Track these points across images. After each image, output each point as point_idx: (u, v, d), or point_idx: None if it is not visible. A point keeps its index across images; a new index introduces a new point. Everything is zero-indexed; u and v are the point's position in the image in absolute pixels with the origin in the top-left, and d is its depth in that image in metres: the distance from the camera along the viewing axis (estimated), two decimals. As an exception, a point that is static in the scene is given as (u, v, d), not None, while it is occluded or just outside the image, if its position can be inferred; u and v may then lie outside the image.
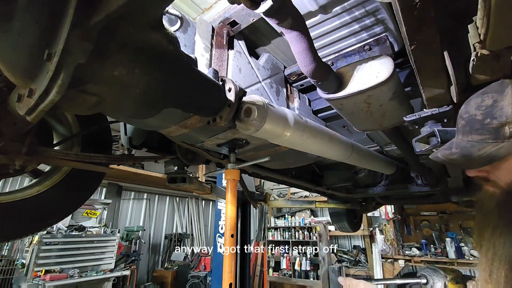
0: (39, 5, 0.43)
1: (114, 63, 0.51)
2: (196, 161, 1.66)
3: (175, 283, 6.35)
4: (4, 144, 0.91)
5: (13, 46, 0.44)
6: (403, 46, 1.19)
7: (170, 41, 0.61)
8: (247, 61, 1.30)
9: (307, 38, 0.86)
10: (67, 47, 0.42)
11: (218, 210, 5.70)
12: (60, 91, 0.43)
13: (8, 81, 0.50)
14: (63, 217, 1.31)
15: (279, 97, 1.47)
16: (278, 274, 7.31)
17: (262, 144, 1.27)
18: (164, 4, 0.56)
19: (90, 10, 0.44)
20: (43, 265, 4.05)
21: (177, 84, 0.67)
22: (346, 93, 1.09)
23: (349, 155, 1.42)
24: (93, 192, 1.42)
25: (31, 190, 1.14)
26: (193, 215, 8.31)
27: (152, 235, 7.40)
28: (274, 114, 0.91)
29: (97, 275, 4.56)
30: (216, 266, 5.18)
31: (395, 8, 0.69)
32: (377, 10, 1.09)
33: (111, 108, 0.60)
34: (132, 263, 5.49)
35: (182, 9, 1.21)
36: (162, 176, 5.61)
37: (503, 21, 0.49)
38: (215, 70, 0.86)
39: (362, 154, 1.56)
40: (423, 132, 1.02)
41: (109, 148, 1.42)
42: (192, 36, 1.11)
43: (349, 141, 1.44)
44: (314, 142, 1.16)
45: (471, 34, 0.61)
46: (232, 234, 0.80)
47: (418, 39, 0.73)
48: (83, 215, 5.23)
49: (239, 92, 0.86)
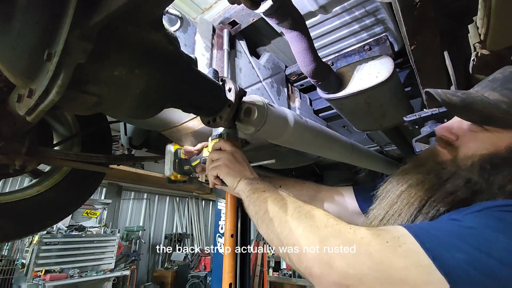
0: (39, 6, 0.43)
1: (114, 63, 0.51)
2: (196, 161, 1.66)
3: (175, 283, 6.36)
4: (4, 144, 0.91)
5: (13, 46, 0.44)
6: (403, 46, 1.19)
7: (170, 41, 0.61)
8: (248, 60, 1.30)
9: (307, 38, 0.86)
10: (67, 47, 0.42)
11: (218, 210, 5.69)
12: (60, 91, 0.43)
13: (8, 81, 0.49)
14: (63, 217, 1.31)
15: (280, 96, 1.46)
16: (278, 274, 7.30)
17: (262, 144, 1.27)
18: (164, 4, 0.56)
19: (90, 10, 0.44)
20: (43, 265, 4.06)
21: (177, 84, 0.67)
22: (346, 93, 1.09)
23: (349, 155, 1.42)
24: (93, 192, 1.42)
25: (31, 190, 1.14)
26: (193, 215, 8.31)
27: (152, 235, 7.41)
28: (274, 114, 0.91)
29: (97, 275, 4.57)
30: (216, 266, 5.18)
31: (395, 8, 0.69)
32: (377, 10, 1.09)
33: (111, 108, 0.60)
34: (132, 263, 5.49)
35: (182, 9, 1.21)
36: (162, 176, 5.60)
37: (503, 21, 0.49)
38: (215, 70, 0.86)
39: (362, 154, 1.56)
40: (423, 132, 1.03)
41: (109, 148, 1.42)
42: (192, 36, 1.11)
43: (349, 141, 1.44)
44: (314, 142, 1.16)
45: (471, 34, 0.61)
46: (232, 234, 0.80)
47: (418, 39, 0.74)
48: (83, 215, 5.23)
49: (239, 92, 0.86)
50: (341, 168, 2.65)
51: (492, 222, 0.44)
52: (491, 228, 0.43)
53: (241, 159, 0.85)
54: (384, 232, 0.46)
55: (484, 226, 0.44)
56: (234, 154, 0.85)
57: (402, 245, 0.43)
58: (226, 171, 0.84)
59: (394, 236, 0.44)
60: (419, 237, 0.43)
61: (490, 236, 0.42)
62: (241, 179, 0.80)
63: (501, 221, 0.44)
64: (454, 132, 0.65)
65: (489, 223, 0.44)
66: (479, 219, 0.46)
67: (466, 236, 0.43)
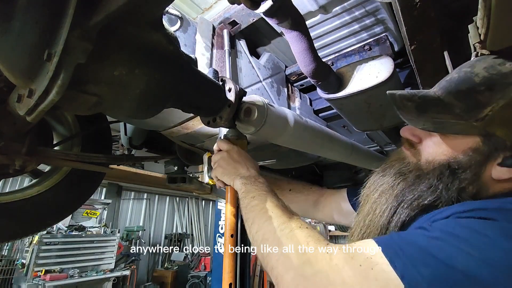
0: (39, 5, 0.43)
1: (114, 63, 0.51)
2: (196, 161, 1.66)
3: (175, 283, 6.35)
4: (4, 144, 0.91)
5: (13, 46, 0.44)
6: (403, 46, 1.19)
7: (170, 41, 0.61)
8: (248, 60, 1.30)
9: (307, 38, 0.86)
10: (67, 47, 0.42)
11: (218, 210, 5.71)
12: (60, 91, 0.43)
13: (8, 81, 0.49)
14: (63, 217, 1.31)
15: (280, 96, 1.46)
16: (278, 274, 7.29)
17: (262, 144, 1.27)
18: (164, 4, 0.56)
19: (90, 10, 0.44)
20: (43, 265, 4.06)
21: (177, 84, 0.67)
22: (346, 93, 1.09)
23: (349, 155, 1.42)
24: (93, 192, 1.42)
25: (31, 190, 1.14)
26: (193, 215, 8.31)
27: (152, 235, 7.40)
28: (274, 114, 0.91)
29: (97, 275, 4.56)
30: (216, 266, 5.19)
31: (395, 8, 0.69)
32: (377, 10, 1.09)
33: (111, 108, 0.60)
34: (132, 263, 5.49)
35: (182, 9, 1.21)
36: (162, 176, 5.60)
37: (503, 21, 0.49)
38: (215, 70, 0.86)
39: (362, 154, 1.56)
40: (423, 132, 1.02)
41: (109, 148, 1.42)
42: (192, 36, 1.11)
43: (349, 141, 1.44)
44: (314, 142, 1.16)
45: (471, 34, 0.61)
46: (232, 234, 0.80)
47: (418, 39, 0.74)
48: (83, 215, 5.23)
49: (239, 92, 0.86)
50: (341, 168, 2.65)
51: (458, 230, 0.45)
52: (455, 237, 0.44)
53: (237, 157, 0.84)
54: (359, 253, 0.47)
55: (449, 235, 0.45)
56: (230, 153, 0.85)
57: (374, 267, 0.44)
58: (221, 171, 0.84)
59: (367, 257, 0.46)
60: (388, 254, 0.44)
61: (454, 246, 0.43)
62: (236, 178, 0.80)
63: (465, 229, 0.45)
64: (417, 134, 0.65)
65: (455, 232, 0.45)
66: (446, 228, 0.47)
67: (431, 248, 0.43)
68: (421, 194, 0.59)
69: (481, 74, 0.52)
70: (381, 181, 0.67)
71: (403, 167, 0.65)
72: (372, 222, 0.64)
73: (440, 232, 0.46)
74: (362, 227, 0.67)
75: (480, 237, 0.43)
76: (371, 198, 0.68)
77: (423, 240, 0.46)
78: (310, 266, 0.48)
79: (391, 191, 0.63)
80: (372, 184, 0.70)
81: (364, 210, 0.68)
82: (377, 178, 0.70)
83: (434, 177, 0.58)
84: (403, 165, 0.65)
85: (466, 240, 0.43)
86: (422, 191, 0.59)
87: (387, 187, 0.65)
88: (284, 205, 0.69)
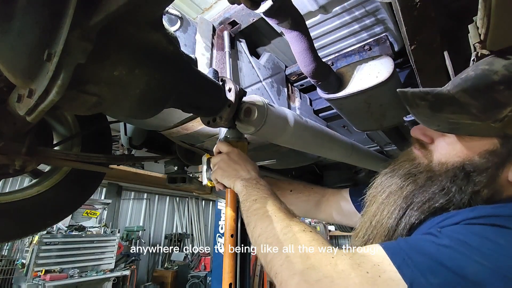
0: (39, 6, 0.43)
1: (114, 63, 0.51)
2: (196, 161, 1.66)
3: (175, 283, 6.36)
4: (4, 144, 0.91)
5: (13, 46, 0.44)
6: (403, 46, 1.19)
7: (170, 41, 0.61)
8: (248, 60, 1.30)
9: (307, 38, 0.86)
10: (67, 47, 0.42)
11: (218, 210, 5.70)
12: (60, 91, 0.43)
13: (8, 81, 0.49)
14: (63, 217, 1.31)
15: (280, 96, 1.46)
16: (278, 274, 7.29)
17: (262, 144, 1.27)
18: (164, 4, 0.56)
19: (90, 10, 0.44)
20: (43, 265, 4.06)
21: (177, 84, 0.67)
22: (346, 93, 1.09)
23: (349, 155, 1.42)
24: (93, 192, 1.42)
25: (31, 190, 1.14)
26: (193, 215, 8.31)
27: (152, 235, 7.41)
28: (274, 114, 0.91)
29: (97, 275, 4.57)
30: (216, 266, 5.18)
31: (395, 8, 0.69)
32: (377, 10, 1.09)
33: (111, 108, 0.60)
34: (132, 263, 5.49)
35: (182, 9, 1.21)
36: (162, 176, 5.60)
37: (503, 21, 0.49)
38: (215, 70, 0.86)
39: (362, 154, 1.56)
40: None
41: (109, 148, 1.42)
42: (192, 36, 1.11)
43: (349, 141, 1.44)
44: (314, 142, 1.16)
45: (471, 34, 0.61)
46: (232, 234, 0.80)
47: (418, 39, 0.74)
48: (83, 215, 5.23)
49: (239, 92, 0.86)
50: (341, 168, 2.65)
51: (468, 238, 0.44)
52: (466, 246, 0.43)
53: (237, 158, 0.83)
54: (365, 260, 0.46)
55: (459, 243, 0.43)
56: (230, 155, 0.84)
57: (382, 274, 0.42)
58: (221, 174, 0.83)
59: (374, 264, 0.44)
60: (396, 261, 0.43)
61: (464, 255, 0.41)
62: (236, 181, 0.78)
63: (476, 236, 0.44)
64: (428, 134, 0.63)
65: (466, 239, 0.44)
66: (456, 235, 0.45)
67: (441, 257, 0.42)
68: (433, 196, 0.56)
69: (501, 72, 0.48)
70: (389, 182, 0.65)
71: (413, 168, 0.63)
72: (379, 224, 0.62)
73: (450, 239, 0.44)
74: (368, 228, 0.65)
75: (492, 246, 0.42)
76: (378, 198, 0.66)
77: (432, 247, 0.44)
78: (315, 272, 0.46)
79: (400, 192, 0.61)
80: (380, 185, 0.68)
81: (371, 211, 0.66)
82: (385, 178, 0.68)
83: (447, 179, 0.56)
84: (413, 166, 0.63)
85: (478, 248, 0.42)
86: (434, 193, 0.56)
87: (396, 188, 0.63)
88: (286, 208, 0.67)
